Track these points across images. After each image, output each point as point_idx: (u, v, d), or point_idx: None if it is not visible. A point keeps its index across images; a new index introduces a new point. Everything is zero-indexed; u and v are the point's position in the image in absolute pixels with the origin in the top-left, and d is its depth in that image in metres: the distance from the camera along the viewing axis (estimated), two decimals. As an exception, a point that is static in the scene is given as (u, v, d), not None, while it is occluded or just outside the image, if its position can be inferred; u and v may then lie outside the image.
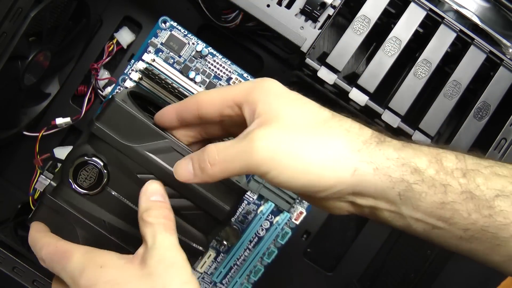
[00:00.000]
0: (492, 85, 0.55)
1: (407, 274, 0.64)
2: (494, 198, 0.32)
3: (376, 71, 0.55)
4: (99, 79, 0.65)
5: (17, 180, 0.67)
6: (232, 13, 0.60)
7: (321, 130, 0.32)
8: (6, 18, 0.46)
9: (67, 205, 0.40)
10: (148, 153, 0.39)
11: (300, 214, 0.55)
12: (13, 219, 0.60)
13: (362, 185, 0.32)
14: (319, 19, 0.54)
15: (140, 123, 0.39)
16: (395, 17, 0.56)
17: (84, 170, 0.40)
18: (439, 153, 0.33)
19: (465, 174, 0.32)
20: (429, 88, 0.58)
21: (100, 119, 0.39)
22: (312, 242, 0.69)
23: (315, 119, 0.33)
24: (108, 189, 0.40)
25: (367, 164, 0.32)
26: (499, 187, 0.32)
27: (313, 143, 0.32)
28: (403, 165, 0.32)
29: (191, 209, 0.40)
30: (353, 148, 0.32)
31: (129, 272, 0.34)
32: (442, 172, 0.32)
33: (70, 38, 0.61)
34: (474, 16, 0.59)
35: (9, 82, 0.54)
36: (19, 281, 0.51)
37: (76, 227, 0.40)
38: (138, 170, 0.39)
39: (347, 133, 0.32)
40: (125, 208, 0.40)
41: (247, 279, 0.56)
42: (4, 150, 0.67)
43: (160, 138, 0.39)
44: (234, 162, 0.32)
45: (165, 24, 0.52)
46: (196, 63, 0.53)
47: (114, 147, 0.39)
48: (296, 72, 0.67)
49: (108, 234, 0.40)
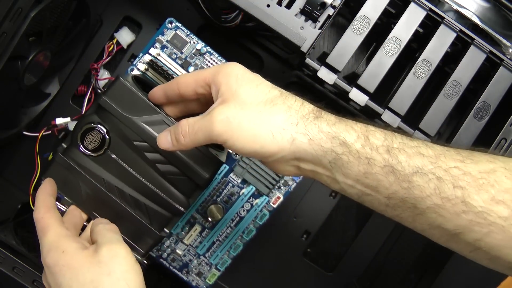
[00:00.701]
0: (492, 85, 0.55)
1: (407, 274, 0.64)
2: (412, 174, 0.37)
3: (376, 71, 0.55)
4: (99, 79, 0.65)
5: (17, 180, 0.67)
6: (232, 13, 0.60)
7: (267, 106, 0.39)
8: (6, 18, 0.46)
9: (74, 163, 0.49)
10: (143, 124, 0.47)
11: (278, 199, 0.61)
12: (13, 219, 0.60)
13: (301, 153, 0.39)
14: (319, 19, 0.54)
15: (138, 100, 0.47)
16: (395, 17, 0.56)
17: (90, 134, 0.48)
18: (368, 131, 0.38)
19: (389, 150, 0.37)
20: (429, 88, 0.58)
21: (107, 94, 0.47)
22: (312, 242, 0.69)
23: (265, 97, 0.39)
24: (108, 152, 0.48)
25: (303, 135, 0.38)
26: (419, 165, 0.37)
27: (260, 117, 0.38)
28: (334, 138, 0.38)
29: (176, 175, 0.48)
30: (292, 122, 0.38)
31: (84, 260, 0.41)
32: (368, 147, 0.38)
33: (70, 38, 0.61)
34: (474, 16, 0.59)
35: (9, 82, 0.54)
36: (19, 281, 0.51)
37: (80, 182, 0.49)
38: (134, 137, 0.47)
39: (289, 109, 0.39)
40: (122, 169, 0.49)
41: (227, 253, 0.62)
42: (4, 150, 0.67)
43: (154, 113, 0.47)
44: (200, 134, 0.40)
45: (171, 25, 0.60)
46: (196, 60, 0.60)
47: (116, 117, 0.47)
48: (296, 72, 0.67)
49: (106, 190, 0.49)
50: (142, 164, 0.48)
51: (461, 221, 0.37)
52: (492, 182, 0.36)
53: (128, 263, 0.42)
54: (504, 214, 0.35)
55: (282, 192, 0.61)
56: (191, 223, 0.62)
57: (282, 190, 0.61)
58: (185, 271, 0.63)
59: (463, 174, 0.37)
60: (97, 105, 0.48)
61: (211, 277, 0.62)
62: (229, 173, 0.61)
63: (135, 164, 0.49)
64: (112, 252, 0.42)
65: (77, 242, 0.43)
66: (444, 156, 0.38)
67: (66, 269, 0.41)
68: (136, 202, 0.49)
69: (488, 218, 0.36)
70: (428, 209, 0.37)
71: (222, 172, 0.60)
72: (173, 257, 0.63)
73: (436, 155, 0.38)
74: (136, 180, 0.49)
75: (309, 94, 0.68)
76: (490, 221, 0.36)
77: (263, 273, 0.69)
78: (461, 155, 0.38)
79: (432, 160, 0.37)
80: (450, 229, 0.37)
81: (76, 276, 0.41)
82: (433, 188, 0.37)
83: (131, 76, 0.50)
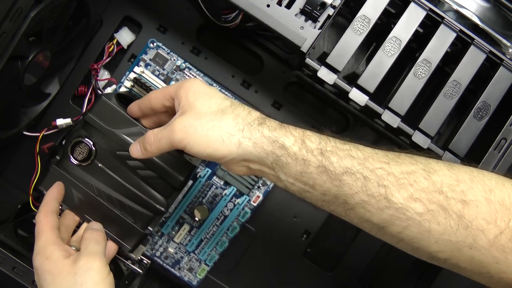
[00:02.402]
0: (492, 85, 0.55)
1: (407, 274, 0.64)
2: (342, 173, 0.42)
3: (376, 71, 0.55)
4: (99, 79, 0.65)
5: (17, 180, 0.67)
6: (232, 13, 0.60)
7: (218, 115, 0.45)
8: (6, 18, 0.46)
9: (66, 173, 0.55)
10: (124, 136, 0.54)
11: (257, 198, 0.66)
12: (13, 219, 0.60)
13: (247, 155, 0.44)
14: (319, 19, 0.54)
15: (119, 115, 0.54)
16: (395, 17, 0.56)
17: (79, 147, 0.55)
18: (305, 135, 0.44)
19: (322, 153, 0.43)
20: (429, 88, 0.58)
21: (91, 111, 0.55)
22: (312, 242, 0.69)
23: (217, 108, 0.45)
24: (95, 161, 0.55)
25: (248, 140, 0.43)
26: (348, 166, 0.42)
27: (212, 124, 0.44)
28: (274, 142, 0.43)
29: (155, 178, 0.55)
30: (239, 128, 0.44)
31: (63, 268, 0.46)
32: (304, 150, 0.43)
33: (70, 38, 0.61)
34: (474, 16, 0.59)
35: (9, 82, 0.54)
36: (19, 281, 0.51)
37: (72, 189, 0.55)
38: (117, 148, 0.54)
39: (236, 117, 0.44)
40: (108, 176, 0.55)
41: (214, 249, 0.67)
42: (4, 150, 0.67)
43: (133, 125, 0.54)
44: (163, 141, 0.46)
45: (153, 44, 0.65)
46: (176, 75, 0.66)
47: (101, 131, 0.54)
48: (296, 72, 0.67)
49: (95, 195, 0.55)
50: (125, 170, 0.55)
51: (384, 215, 0.42)
52: (411, 182, 0.41)
53: (101, 276, 0.47)
54: (420, 210, 0.41)
55: (262, 191, 0.66)
56: (180, 223, 0.67)
57: (261, 190, 0.66)
58: (177, 268, 0.68)
59: (387, 174, 0.42)
60: (83, 121, 0.55)
61: (201, 272, 0.68)
62: (212, 176, 0.66)
63: (119, 171, 0.55)
64: (87, 265, 0.47)
65: (62, 250, 0.48)
66: (372, 158, 0.43)
67: (47, 274, 0.47)
68: (122, 204, 0.56)
69: (407, 214, 0.41)
70: (357, 204, 0.42)
71: (206, 175, 0.66)
72: (166, 255, 0.67)
73: (364, 157, 0.43)
74: (120, 185, 0.55)
75: (309, 94, 0.68)
76: (408, 216, 0.41)
77: (263, 272, 0.69)
78: (387, 157, 0.43)
79: (361, 161, 0.42)
80: (377, 223, 0.43)
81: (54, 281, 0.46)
82: (360, 186, 0.42)
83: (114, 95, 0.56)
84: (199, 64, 0.66)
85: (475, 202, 0.41)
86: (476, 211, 0.41)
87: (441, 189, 0.41)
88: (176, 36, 0.66)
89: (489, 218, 0.41)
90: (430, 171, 0.42)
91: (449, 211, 0.41)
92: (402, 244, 0.44)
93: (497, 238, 0.41)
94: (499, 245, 0.41)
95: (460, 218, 0.41)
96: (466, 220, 0.41)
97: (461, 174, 0.43)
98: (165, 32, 0.67)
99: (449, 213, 0.41)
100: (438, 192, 0.41)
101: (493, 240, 0.41)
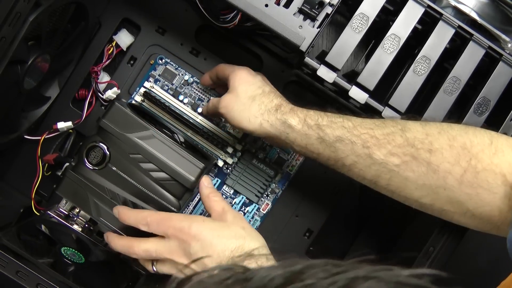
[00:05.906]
0: (491, 81, 0.55)
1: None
2: (335, 141, 0.52)
3: (376, 69, 0.55)
4: (99, 82, 0.65)
5: (19, 184, 0.67)
6: (230, 14, 0.60)
7: (249, 100, 0.56)
8: (5, 23, 0.46)
9: (82, 177, 0.58)
10: (137, 139, 0.57)
11: (267, 205, 0.69)
12: (16, 223, 0.61)
13: (267, 133, 0.56)
14: (318, 18, 0.54)
15: (131, 119, 0.57)
16: (394, 14, 0.56)
17: (93, 151, 0.57)
18: (307, 115, 0.54)
19: (319, 127, 0.53)
20: (429, 85, 0.58)
21: (105, 117, 0.57)
22: (315, 240, 0.69)
23: (251, 94, 0.57)
24: (109, 165, 0.57)
25: (266, 122, 0.55)
26: (339, 134, 0.52)
27: (243, 108, 0.56)
28: (283, 123, 0.54)
29: (167, 180, 0.58)
30: (261, 113, 0.55)
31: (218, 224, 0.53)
32: (306, 126, 0.53)
33: (69, 42, 0.61)
34: (473, 12, 0.59)
35: (9, 87, 0.54)
36: (23, 285, 0.51)
37: (87, 192, 0.57)
38: (130, 151, 0.57)
39: (261, 103, 0.56)
40: (121, 178, 0.57)
41: None
42: (6, 154, 0.67)
43: (145, 129, 0.57)
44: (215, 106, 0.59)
45: (161, 61, 0.68)
46: (184, 89, 0.69)
47: (114, 135, 0.57)
48: (295, 71, 0.67)
49: (109, 198, 0.57)
50: (138, 173, 0.57)
51: (372, 171, 0.52)
52: (390, 141, 0.50)
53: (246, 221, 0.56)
54: (397, 162, 0.50)
55: (271, 200, 0.69)
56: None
57: (270, 198, 0.69)
58: (188, 270, 0.68)
59: (371, 137, 0.51)
60: (98, 127, 0.58)
61: None
62: (222, 185, 0.68)
63: (132, 173, 0.57)
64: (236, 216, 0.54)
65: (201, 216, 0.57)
66: (360, 126, 0.52)
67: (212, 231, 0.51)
68: (135, 206, 0.57)
69: (387, 167, 0.50)
70: (351, 165, 0.53)
71: (216, 185, 0.68)
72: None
73: (354, 126, 0.52)
74: (134, 187, 0.57)
75: (308, 93, 0.68)
76: (388, 169, 0.50)
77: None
78: (374, 124, 0.51)
79: (350, 130, 0.52)
80: (369, 179, 0.53)
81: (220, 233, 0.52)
82: (349, 150, 0.52)
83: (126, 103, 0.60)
84: (198, 64, 0.66)
85: (440, 150, 0.48)
86: (441, 156, 0.48)
87: (413, 143, 0.49)
88: (175, 37, 0.67)
89: (453, 160, 0.48)
90: (405, 130, 0.50)
91: (419, 159, 0.49)
92: (395, 196, 0.52)
93: (463, 176, 0.47)
94: (467, 182, 0.47)
95: (429, 164, 0.49)
96: (434, 165, 0.48)
97: (431, 129, 0.50)
98: (163, 33, 0.67)
99: (419, 161, 0.49)
100: (410, 146, 0.49)
101: (460, 179, 0.48)
